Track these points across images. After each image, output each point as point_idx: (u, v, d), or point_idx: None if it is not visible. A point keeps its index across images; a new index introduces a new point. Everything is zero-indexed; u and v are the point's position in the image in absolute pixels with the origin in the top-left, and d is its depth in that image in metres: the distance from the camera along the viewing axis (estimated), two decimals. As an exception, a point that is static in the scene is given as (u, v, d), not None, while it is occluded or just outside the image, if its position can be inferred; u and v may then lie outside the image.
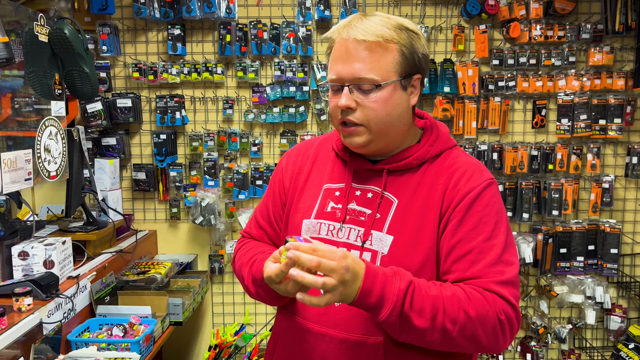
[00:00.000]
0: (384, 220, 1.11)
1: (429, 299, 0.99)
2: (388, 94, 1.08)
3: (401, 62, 1.09)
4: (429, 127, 1.20)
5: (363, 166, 1.17)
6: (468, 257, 1.05)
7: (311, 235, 1.14)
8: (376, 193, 1.14)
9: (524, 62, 2.67)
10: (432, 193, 1.11)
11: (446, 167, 1.14)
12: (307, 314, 1.15)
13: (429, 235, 1.09)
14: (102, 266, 2.19)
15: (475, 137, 2.74)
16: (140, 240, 2.56)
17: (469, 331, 0.99)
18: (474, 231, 1.07)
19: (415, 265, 1.07)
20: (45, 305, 1.74)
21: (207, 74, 2.68)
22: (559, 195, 2.69)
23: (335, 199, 1.17)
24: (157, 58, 2.73)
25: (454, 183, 1.11)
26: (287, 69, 2.67)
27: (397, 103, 1.10)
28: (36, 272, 1.86)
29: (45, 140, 1.90)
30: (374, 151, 1.15)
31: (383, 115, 1.09)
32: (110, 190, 2.52)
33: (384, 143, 1.13)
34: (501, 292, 1.02)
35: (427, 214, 1.10)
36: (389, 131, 1.11)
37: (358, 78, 1.07)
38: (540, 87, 2.67)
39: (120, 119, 2.66)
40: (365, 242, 1.11)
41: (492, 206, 1.10)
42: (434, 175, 1.14)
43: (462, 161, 1.15)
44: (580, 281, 2.78)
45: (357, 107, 1.08)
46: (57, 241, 1.93)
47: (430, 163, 1.15)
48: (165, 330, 2.21)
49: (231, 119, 2.77)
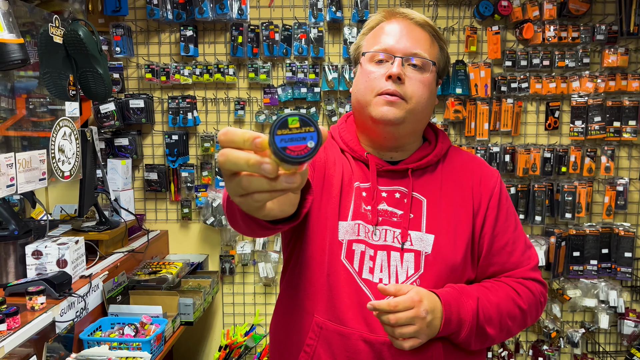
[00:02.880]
0: (419, 219, 1.11)
1: (493, 307, 1.07)
2: (432, 79, 1.12)
3: (440, 58, 1.15)
4: (429, 127, 1.24)
5: (383, 167, 1.14)
6: (506, 249, 1.14)
7: (349, 239, 1.10)
8: (403, 193, 1.13)
9: (537, 64, 2.64)
10: (460, 190, 1.15)
11: (461, 164, 1.19)
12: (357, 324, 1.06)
13: (465, 231, 1.12)
14: (114, 265, 2.20)
15: (487, 139, 2.72)
16: (151, 240, 2.57)
17: (523, 321, 1.13)
18: (506, 223, 1.15)
19: (458, 261, 1.10)
20: (58, 304, 1.75)
21: (219, 75, 2.69)
22: (572, 198, 2.66)
23: (364, 199, 1.13)
24: (170, 59, 2.74)
25: (478, 179, 1.17)
26: (299, 70, 2.67)
27: (434, 93, 1.15)
28: (49, 271, 1.87)
29: (59, 141, 1.92)
30: (396, 138, 1.13)
31: (425, 97, 1.10)
32: (123, 190, 2.53)
33: (410, 128, 1.12)
34: (536, 277, 1.16)
35: (459, 211, 1.13)
36: (420, 117, 1.12)
37: (413, 53, 1.10)
38: (553, 88, 2.65)
39: (133, 120, 2.67)
40: (404, 243, 1.09)
41: (508, 196, 1.21)
42: (452, 172, 1.17)
43: (470, 157, 1.22)
44: (593, 285, 2.75)
45: (405, 81, 1.08)
46: (70, 241, 1.94)
47: (442, 161, 1.18)
48: (176, 329, 2.21)
49: (242, 120, 2.77)
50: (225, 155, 0.57)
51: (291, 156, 0.55)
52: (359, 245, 1.09)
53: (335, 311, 1.08)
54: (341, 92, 2.73)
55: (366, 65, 1.13)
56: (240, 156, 0.56)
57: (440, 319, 1.01)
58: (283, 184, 0.58)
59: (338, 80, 2.68)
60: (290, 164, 0.56)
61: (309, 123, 0.56)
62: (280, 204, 0.69)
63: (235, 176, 0.59)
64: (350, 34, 2.66)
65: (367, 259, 1.08)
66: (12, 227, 1.86)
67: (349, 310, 1.06)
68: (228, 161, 0.57)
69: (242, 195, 0.61)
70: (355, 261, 1.08)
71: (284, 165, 0.56)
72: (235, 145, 0.57)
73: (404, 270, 1.08)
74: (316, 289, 1.10)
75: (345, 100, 2.71)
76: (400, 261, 1.08)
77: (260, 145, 0.56)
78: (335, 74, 2.68)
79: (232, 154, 0.56)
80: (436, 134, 1.23)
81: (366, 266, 1.08)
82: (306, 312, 1.11)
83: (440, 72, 1.17)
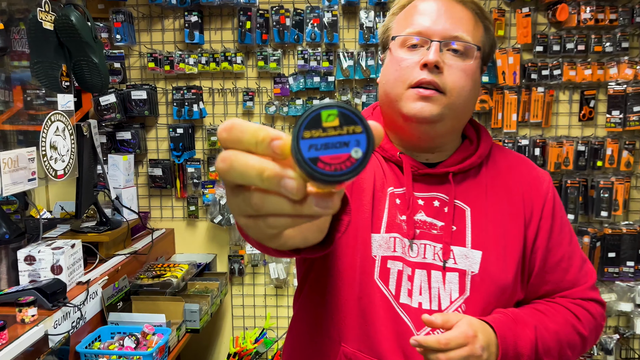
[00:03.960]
0: (463, 232, 0.96)
1: (552, 336, 0.96)
2: (475, 67, 0.95)
3: (485, 41, 0.98)
4: (469, 123, 1.08)
5: (419, 170, 0.97)
6: (561, 266, 1.01)
7: (383, 255, 0.94)
8: (443, 201, 0.97)
9: (571, 49, 2.44)
10: (509, 197, 1.00)
11: (508, 165, 1.03)
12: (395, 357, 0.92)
13: (516, 245, 0.98)
14: (115, 269, 2.07)
15: (515, 131, 2.53)
16: (156, 240, 2.44)
17: (583, 349, 1.02)
18: (561, 235, 1.02)
19: (509, 282, 0.96)
20: (51, 315, 1.62)
21: (226, 64, 2.54)
22: (609, 195, 2.48)
23: (399, 208, 0.97)
24: (174, 47, 2.59)
25: (528, 183, 1.02)
26: (311, 57, 2.50)
27: (477, 83, 0.97)
28: (43, 277, 1.75)
29: (51, 137, 1.77)
30: (432, 138, 0.96)
31: (468, 90, 0.94)
32: (125, 187, 2.39)
33: (449, 127, 0.96)
34: (595, 297, 1.04)
35: (508, 221, 0.98)
36: (461, 113, 0.95)
37: (454, 36, 0.93)
38: (589, 75, 2.45)
39: (135, 112, 2.53)
40: (447, 260, 0.94)
41: (561, 202, 1.06)
42: (498, 175, 1.01)
43: (517, 158, 1.07)
44: (629, 288, 2.56)
45: (444, 69, 0.92)
46: (66, 244, 1.81)
47: (485, 163, 1.02)
48: (181, 338, 2.07)
49: (251, 111, 2.62)
50: (228, 161, 0.39)
51: (325, 172, 0.37)
52: (395, 262, 0.94)
53: (368, 341, 0.93)
54: (357, 81, 2.55)
55: (397, 52, 0.96)
56: (250, 164, 0.38)
57: (496, 354, 0.89)
58: (312, 209, 0.40)
59: (354, 69, 2.50)
60: (325, 183, 0.38)
61: (354, 119, 0.38)
62: (303, 231, 0.49)
63: (243, 189, 0.42)
64: (367, 18, 2.48)
65: (405, 279, 0.94)
66: (2, 230, 1.72)
67: (385, 341, 0.92)
68: (233, 170, 0.39)
69: (251, 216, 0.43)
70: (392, 282, 0.94)
71: (315, 183, 0.39)
72: (243, 147, 0.39)
73: (447, 293, 0.94)
74: (344, 313, 0.94)
75: (361, 90, 2.53)
76: (443, 282, 0.94)
77: (281, 151, 0.38)
78: (351, 62, 2.50)
79: (239, 160, 0.39)
80: (477, 131, 1.06)
81: (404, 288, 0.93)
82: (331, 340, 0.96)
83: (486, 58, 1.01)
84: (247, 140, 0.39)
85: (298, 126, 0.37)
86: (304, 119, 0.37)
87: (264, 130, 0.39)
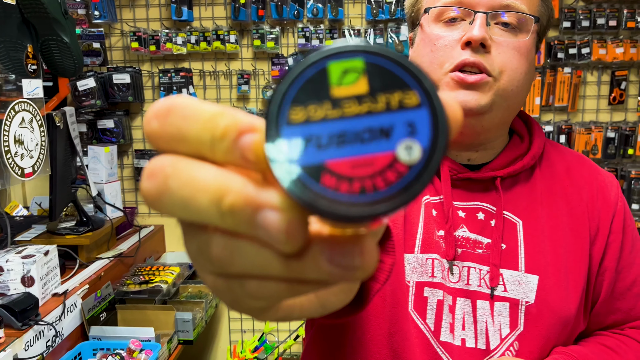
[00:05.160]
0: (515, 252, 0.80)
1: None
2: (531, 44, 0.78)
3: (543, 11, 0.81)
4: (518, 115, 0.91)
5: (460, 172, 0.81)
6: (633, 291, 0.86)
7: (418, 280, 0.78)
8: (489, 212, 0.81)
9: (602, 24, 2.22)
10: (570, 207, 0.84)
11: (566, 168, 0.87)
12: None
13: (580, 268, 0.82)
14: (97, 276, 1.86)
15: (538, 116, 2.32)
16: (144, 239, 2.23)
17: None
18: (632, 253, 0.86)
19: (571, 313, 0.80)
20: (21, 336, 1.43)
21: (218, 44, 2.32)
22: (640, 186, 2.30)
23: (435, 221, 0.81)
24: (160, 25, 2.37)
25: (593, 191, 0.86)
26: (313, 36, 2.30)
27: (533, 64, 0.81)
28: (13, 290, 1.55)
29: (15, 130, 1.53)
30: (477, 133, 0.80)
31: (522, 73, 0.77)
32: (107, 182, 2.16)
33: (499, 119, 0.80)
34: None
35: (570, 238, 0.83)
36: (514, 102, 0.79)
37: (504, 5, 0.76)
38: (620, 54, 2.23)
39: (118, 98, 2.31)
40: (495, 287, 0.79)
41: (631, 214, 0.90)
42: (555, 180, 0.85)
43: (576, 158, 0.90)
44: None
45: (492, 48, 0.76)
46: (39, 252, 1.61)
47: (539, 164, 0.86)
48: (172, 351, 1.88)
49: (247, 96, 2.41)
50: (160, 178, 0.23)
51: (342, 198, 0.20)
52: (434, 290, 0.79)
53: None
54: (364, 61, 2.33)
55: (430, 28, 0.80)
56: (199, 183, 0.23)
57: None
58: (323, 269, 0.22)
59: (360, 48, 2.28)
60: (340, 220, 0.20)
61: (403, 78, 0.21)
62: (317, 298, 0.30)
63: (196, 228, 0.25)
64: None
65: (446, 311, 0.79)
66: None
67: None
68: (168, 194, 0.23)
69: (220, 275, 0.25)
70: (430, 314, 0.79)
71: (324, 219, 0.21)
72: (188, 149, 0.24)
73: (496, 328, 0.78)
74: (372, 351, 0.79)
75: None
76: (491, 314, 0.79)
77: (257, 156, 0.22)
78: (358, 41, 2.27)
79: (180, 174, 0.23)
80: (529, 126, 0.89)
81: (445, 322, 0.79)
82: None
83: (542, 32, 0.83)
84: (194, 135, 0.23)
85: (279, 97, 0.21)
86: (291, 79, 0.22)
87: (226, 116, 0.23)
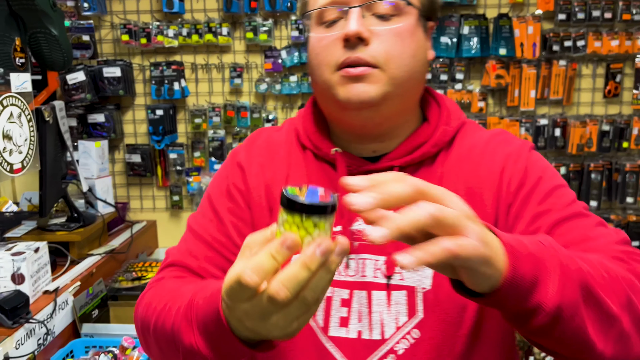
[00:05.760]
0: None
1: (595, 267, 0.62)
2: (411, 26, 0.79)
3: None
4: (431, 98, 0.89)
5: (358, 167, 0.82)
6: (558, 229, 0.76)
7: None
8: None
9: (597, 17, 2.20)
10: (469, 190, 0.80)
11: (469, 148, 0.83)
12: None
13: None
14: (89, 272, 1.84)
15: (533, 110, 2.30)
16: (136, 235, 2.21)
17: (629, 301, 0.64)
18: (549, 201, 0.78)
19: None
20: (12, 334, 1.41)
21: (210, 36, 2.29)
22: (635, 179, 2.29)
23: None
24: (151, 17, 2.33)
25: (501, 165, 0.81)
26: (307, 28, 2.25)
27: (421, 44, 0.81)
28: (3, 288, 1.53)
29: (4, 125, 1.50)
30: (378, 124, 0.81)
31: (408, 55, 0.78)
32: (99, 177, 2.14)
33: (397, 106, 0.80)
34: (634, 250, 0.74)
35: None
36: (410, 86, 0.80)
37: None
38: (616, 47, 2.21)
39: (108, 92, 2.28)
40: (391, 276, 0.79)
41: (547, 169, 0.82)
42: (459, 163, 0.82)
43: (489, 136, 0.86)
44: (653, 278, 2.39)
45: (372, 40, 0.76)
46: (29, 249, 1.59)
47: (446, 149, 0.84)
48: (166, 348, 1.86)
49: (240, 90, 2.38)
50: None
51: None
52: None
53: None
54: (358, 54, 2.30)
55: (315, 30, 0.82)
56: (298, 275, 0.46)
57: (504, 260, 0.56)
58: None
59: (354, 41, 2.25)
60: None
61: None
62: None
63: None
64: (369, -18, 2.21)
65: (337, 305, 0.80)
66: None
67: None
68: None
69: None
70: (318, 311, 0.80)
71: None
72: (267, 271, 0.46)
73: (392, 317, 0.78)
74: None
75: (363, 65, 2.29)
76: (387, 304, 0.79)
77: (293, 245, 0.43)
78: (352, 33, 2.24)
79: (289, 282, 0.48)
80: (440, 111, 0.87)
81: (334, 317, 0.80)
82: None
83: (426, 11, 0.82)
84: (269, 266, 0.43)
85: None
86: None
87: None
